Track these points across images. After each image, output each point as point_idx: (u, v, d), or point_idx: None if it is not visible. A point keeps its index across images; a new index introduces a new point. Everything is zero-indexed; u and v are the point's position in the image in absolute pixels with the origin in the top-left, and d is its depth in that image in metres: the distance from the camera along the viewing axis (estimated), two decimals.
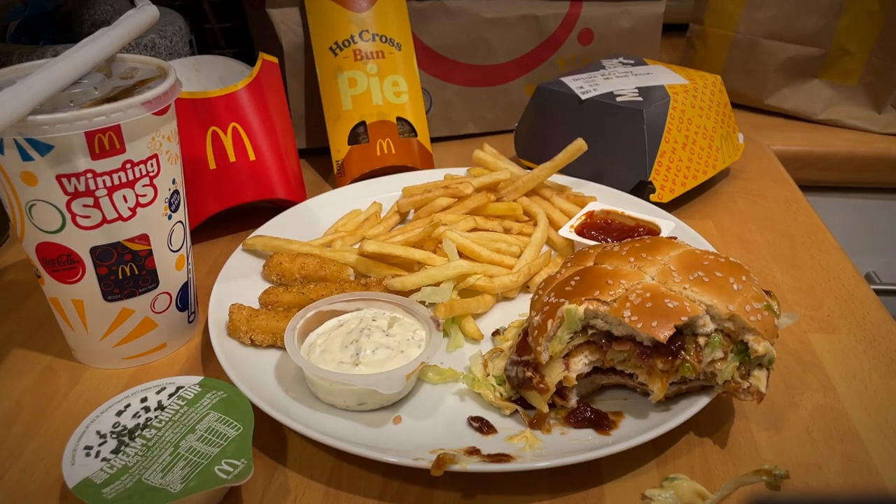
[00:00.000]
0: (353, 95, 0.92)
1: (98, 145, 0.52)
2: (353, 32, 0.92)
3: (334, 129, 0.93)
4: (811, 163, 1.07)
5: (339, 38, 0.91)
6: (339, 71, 0.91)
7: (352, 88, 0.92)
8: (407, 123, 0.96)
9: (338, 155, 0.93)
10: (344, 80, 0.92)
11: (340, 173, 0.92)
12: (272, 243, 0.73)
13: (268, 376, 0.59)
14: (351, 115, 0.93)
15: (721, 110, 0.92)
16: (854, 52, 1.07)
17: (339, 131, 0.92)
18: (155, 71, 0.59)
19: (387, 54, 0.93)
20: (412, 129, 0.96)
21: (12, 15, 0.95)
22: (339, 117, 0.93)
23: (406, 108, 0.96)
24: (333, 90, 0.92)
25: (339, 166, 0.92)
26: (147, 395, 0.52)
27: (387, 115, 0.94)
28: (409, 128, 0.96)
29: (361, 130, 0.93)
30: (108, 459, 0.47)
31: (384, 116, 0.93)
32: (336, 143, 0.93)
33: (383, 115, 0.93)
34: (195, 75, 0.85)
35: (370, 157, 0.93)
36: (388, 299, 0.62)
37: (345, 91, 0.92)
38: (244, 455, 0.47)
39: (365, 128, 0.93)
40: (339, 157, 0.92)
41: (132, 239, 0.57)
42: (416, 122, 0.96)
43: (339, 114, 0.92)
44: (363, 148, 0.93)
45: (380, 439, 0.53)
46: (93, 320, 0.59)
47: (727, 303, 0.52)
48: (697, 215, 0.87)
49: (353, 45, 0.92)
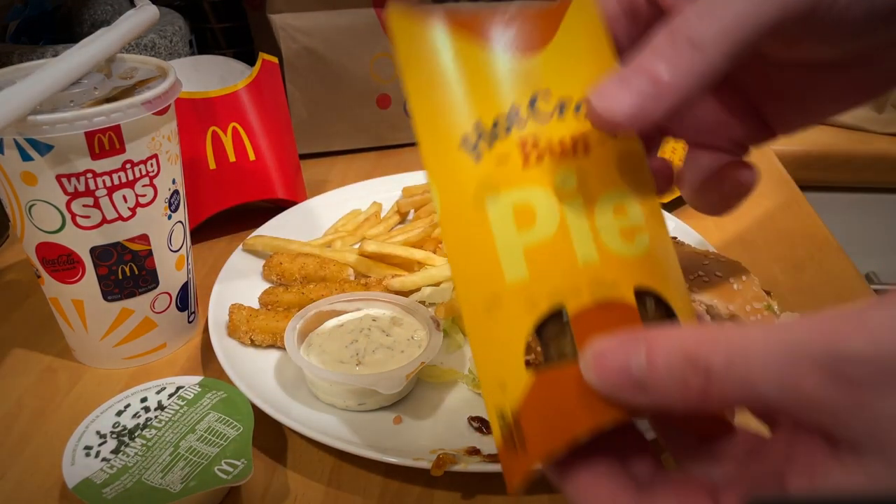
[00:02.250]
0: (527, 247, 0.32)
1: (98, 145, 0.52)
2: (517, 99, 0.34)
3: (483, 327, 0.33)
4: (811, 162, 1.07)
5: (484, 114, 0.33)
6: (488, 192, 0.33)
7: (523, 231, 0.32)
8: (655, 300, 0.33)
9: (500, 399, 0.32)
10: (503, 213, 0.33)
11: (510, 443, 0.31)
12: (272, 243, 0.73)
13: (268, 376, 0.59)
14: (525, 294, 0.32)
15: None
16: None
17: (500, 336, 0.32)
18: (155, 71, 0.59)
19: (594, 144, 0.34)
20: (665, 315, 0.33)
21: (12, 15, 0.95)
22: (496, 302, 0.32)
23: (650, 265, 0.33)
24: (475, 238, 0.33)
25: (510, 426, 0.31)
26: (147, 395, 0.52)
27: (612, 286, 0.32)
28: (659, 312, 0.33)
29: (553, 331, 0.31)
30: (108, 459, 0.47)
31: (606, 292, 0.31)
32: (494, 366, 0.32)
33: (604, 290, 0.31)
34: (195, 75, 0.85)
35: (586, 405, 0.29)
36: (388, 299, 0.62)
37: (506, 238, 0.32)
38: (244, 455, 0.47)
39: (564, 324, 0.31)
40: (503, 402, 0.31)
41: (132, 239, 0.57)
42: (676, 300, 0.33)
43: (495, 293, 0.32)
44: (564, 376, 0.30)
45: (380, 439, 0.53)
46: (93, 320, 0.59)
47: (727, 303, 0.52)
48: (697, 215, 0.86)
49: (517, 130, 0.33)
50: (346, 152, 1.04)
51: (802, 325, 0.24)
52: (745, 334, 0.25)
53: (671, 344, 0.27)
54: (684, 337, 0.26)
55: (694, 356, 0.26)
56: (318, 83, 0.97)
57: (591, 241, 0.32)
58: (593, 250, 0.32)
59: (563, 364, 0.31)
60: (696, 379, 0.25)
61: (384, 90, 1.00)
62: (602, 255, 0.32)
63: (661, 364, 0.26)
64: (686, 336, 0.26)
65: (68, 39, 0.93)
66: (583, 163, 0.34)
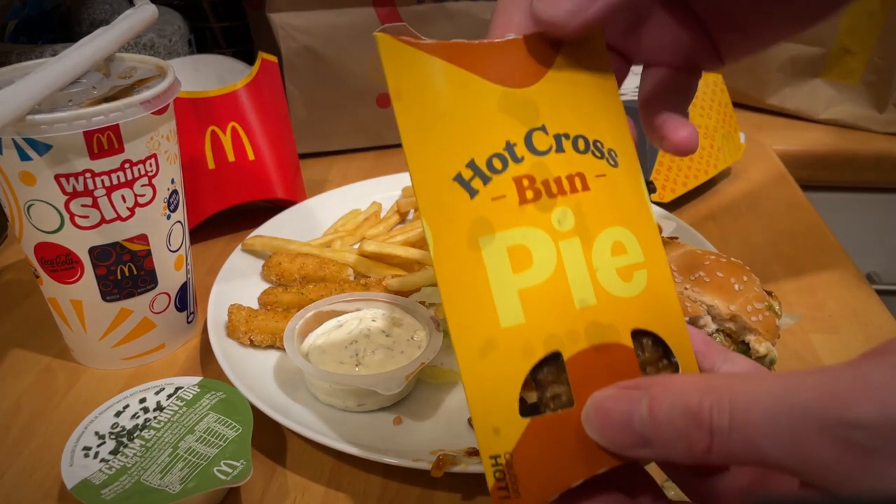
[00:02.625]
0: (523, 290, 0.32)
1: (97, 145, 0.51)
2: (513, 135, 0.33)
3: (477, 371, 0.31)
4: (812, 162, 1.07)
5: (478, 151, 0.33)
6: (483, 233, 0.32)
7: (518, 273, 0.32)
8: (652, 339, 0.34)
9: (494, 444, 0.31)
10: (498, 254, 0.32)
11: (504, 488, 0.31)
12: (271, 243, 0.73)
13: (267, 377, 0.59)
14: (521, 340, 0.31)
15: (722, 110, 0.92)
16: (855, 51, 1.06)
17: (494, 381, 0.31)
18: (154, 70, 0.58)
19: (593, 180, 0.34)
20: (663, 354, 0.34)
21: (11, 14, 0.95)
22: (491, 346, 0.31)
23: (648, 305, 0.34)
24: (469, 279, 0.32)
25: (503, 469, 0.31)
26: (146, 396, 0.52)
27: (609, 329, 0.32)
28: (656, 352, 0.34)
29: (549, 375, 0.32)
30: (107, 460, 0.47)
31: (603, 336, 0.32)
32: (488, 411, 0.31)
33: (601, 334, 0.32)
34: (194, 75, 0.85)
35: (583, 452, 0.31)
36: (388, 299, 0.62)
37: (501, 280, 0.32)
38: (243, 456, 0.47)
39: (560, 367, 0.32)
40: (496, 447, 0.31)
41: (131, 239, 0.56)
42: (673, 338, 0.34)
43: (491, 338, 0.31)
44: (560, 422, 0.31)
45: (379, 440, 0.52)
46: (91, 320, 0.59)
47: (728, 303, 0.51)
48: (698, 215, 0.86)
49: (512, 165, 0.33)
50: (345, 152, 1.04)
51: (807, 384, 0.24)
52: (749, 389, 0.25)
53: (673, 397, 0.27)
54: (686, 389, 0.27)
55: (697, 413, 0.26)
56: (317, 83, 0.96)
57: (589, 282, 0.32)
58: (590, 292, 0.32)
59: (558, 410, 0.31)
60: (701, 435, 0.26)
61: (384, 89, 1.00)
62: (599, 296, 0.32)
63: (663, 419, 0.27)
64: (688, 388, 0.27)
65: (67, 39, 0.93)
66: (581, 199, 0.33)
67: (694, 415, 0.26)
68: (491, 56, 0.33)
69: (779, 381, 0.25)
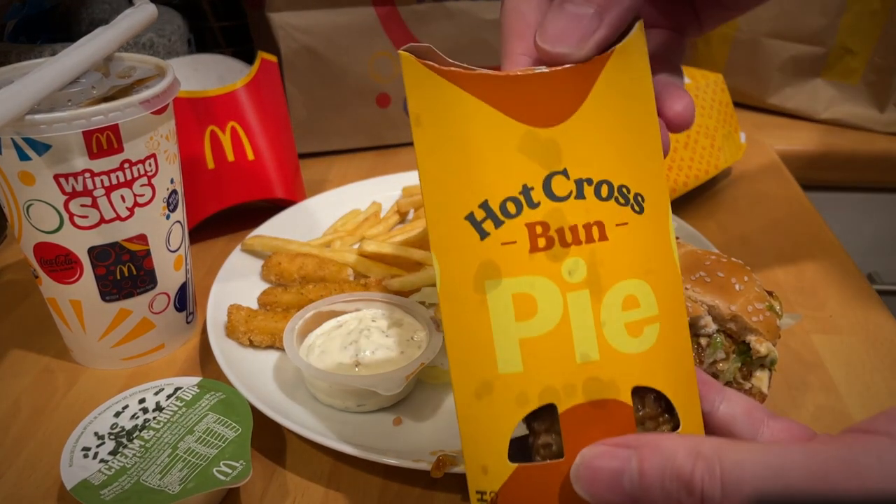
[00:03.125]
0: (524, 339, 0.32)
1: (96, 144, 0.51)
2: (531, 178, 0.32)
3: (472, 410, 0.33)
4: (813, 162, 1.07)
5: (493, 192, 0.32)
6: (489, 276, 0.32)
7: (521, 322, 0.32)
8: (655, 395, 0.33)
9: (482, 481, 0.33)
10: (502, 300, 0.32)
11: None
12: (271, 243, 0.73)
13: (266, 377, 0.58)
14: (517, 388, 0.32)
15: (723, 109, 0.92)
16: (856, 51, 1.06)
17: (487, 424, 0.33)
18: (153, 70, 0.58)
19: (612, 230, 0.33)
20: (664, 409, 0.34)
21: (10, 14, 0.95)
22: (487, 389, 0.33)
23: (655, 361, 0.33)
24: (472, 322, 0.33)
25: None
26: (145, 396, 0.52)
27: (609, 385, 0.32)
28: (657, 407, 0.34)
29: (542, 425, 0.33)
30: (107, 461, 0.47)
31: (602, 392, 0.32)
32: (479, 450, 0.33)
33: (599, 389, 0.32)
34: (194, 74, 0.85)
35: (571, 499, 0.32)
36: (388, 300, 0.62)
37: (503, 326, 0.32)
38: (243, 456, 0.46)
39: (554, 417, 0.32)
40: (484, 485, 0.33)
41: (130, 239, 0.56)
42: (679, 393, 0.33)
43: (487, 381, 0.33)
44: (547, 471, 0.32)
45: (379, 441, 0.52)
46: (91, 321, 0.59)
47: (729, 303, 0.51)
48: (699, 215, 0.86)
49: (527, 211, 0.32)
50: (345, 152, 1.04)
51: (797, 463, 0.26)
52: (739, 460, 0.26)
53: (664, 460, 0.27)
54: (676, 452, 0.27)
55: (689, 480, 0.27)
56: (317, 82, 0.96)
57: (593, 337, 0.32)
58: (594, 347, 0.32)
59: (548, 459, 0.32)
60: (692, 501, 0.27)
61: (384, 89, 1.00)
62: (603, 352, 0.32)
63: (653, 481, 0.27)
64: (678, 451, 0.27)
65: (66, 38, 0.93)
66: (597, 249, 0.32)
67: (686, 482, 0.27)
68: (518, 90, 0.32)
69: (768, 454, 0.26)
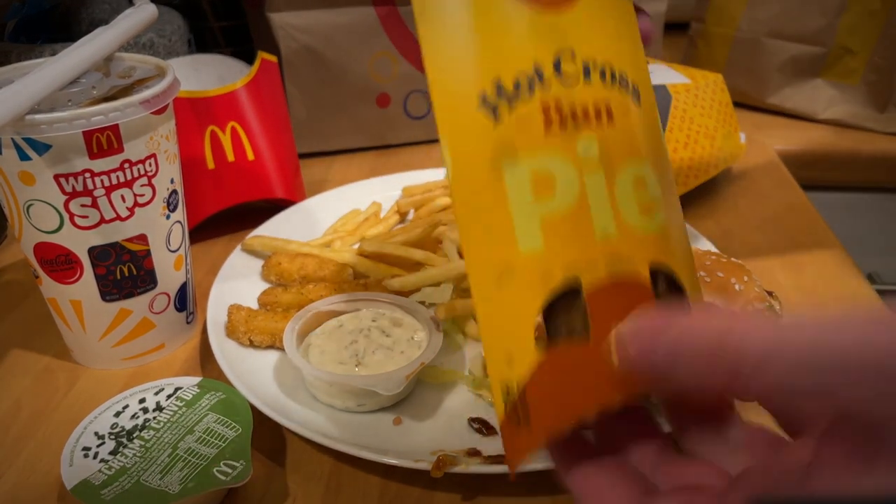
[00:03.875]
0: (544, 217, 0.31)
1: (96, 144, 0.51)
2: (541, 57, 0.32)
3: (493, 298, 0.31)
4: (813, 162, 1.07)
5: (504, 71, 0.31)
6: (506, 157, 0.31)
7: (541, 200, 0.31)
8: (666, 279, 0.33)
9: (507, 373, 0.31)
10: (521, 180, 0.31)
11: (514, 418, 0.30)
12: (271, 243, 0.73)
13: (267, 377, 0.58)
14: (540, 266, 0.30)
15: (723, 109, 0.92)
16: (856, 51, 1.06)
17: (510, 309, 0.31)
18: (153, 70, 0.58)
19: (618, 112, 0.33)
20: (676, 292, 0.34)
21: (10, 14, 0.95)
22: (508, 272, 0.31)
23: (665, 242, 0.33)
24: (490, 205, 0.31)
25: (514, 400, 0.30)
26: (145, 396, 0.52)
27: (629, 261, 0.31)
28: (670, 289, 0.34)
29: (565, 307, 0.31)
30: (107, 461, 0.47)
31: (623, 266, 0.31)
32: (503, 339, 0.31)
33: (621, 265, 0.31)
34: (194, 74, 0.85)
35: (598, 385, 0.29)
36: (388, 300, 0.62)
37: (523, 206, 0.31)
38: (243, 456, 0.46)
39: (579, 300, 0.30)
40: (509, 376, 0.30)
41: (130, 239, 0.56)
42: (686, 276, 0.34)
43: (508, 263, 0.31)
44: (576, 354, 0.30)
45: (379, 440, 0.52)
46: (91, 321, 0.59)
47: (729, 303, 0.51)
48: (699, 215, 0.86)
49: (540, 91, 0.31)
50: (345, 152, 1.04)
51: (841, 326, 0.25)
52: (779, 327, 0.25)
53: (704, 326, 0.26)
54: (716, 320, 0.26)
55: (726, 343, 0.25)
56: (317, 82, 0.96)
57: (611, 214, 0.31)
58: (612, 224, 0.31)
59: (574, 341, 0.30)
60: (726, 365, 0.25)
61: (384, 89, 1.00)
62: (620, 229, 0.31)
63: (691, 348, 0.26)
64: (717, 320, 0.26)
65: (66, 38, 0.93)
66: (606, 131, 0.32)
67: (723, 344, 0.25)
68: None
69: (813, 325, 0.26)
